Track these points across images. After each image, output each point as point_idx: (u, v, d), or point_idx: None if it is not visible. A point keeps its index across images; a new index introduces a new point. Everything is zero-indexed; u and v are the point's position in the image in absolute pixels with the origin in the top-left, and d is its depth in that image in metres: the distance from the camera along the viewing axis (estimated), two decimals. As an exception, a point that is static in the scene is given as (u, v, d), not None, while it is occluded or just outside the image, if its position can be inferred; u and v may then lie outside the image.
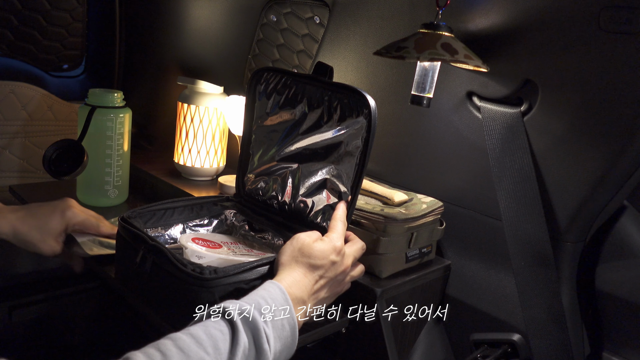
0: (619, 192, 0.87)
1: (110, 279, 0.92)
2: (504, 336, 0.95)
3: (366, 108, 0.81)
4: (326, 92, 0.87)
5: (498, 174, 0.91)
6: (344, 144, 0.85)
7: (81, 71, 1.73)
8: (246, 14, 1.37)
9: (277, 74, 0.94)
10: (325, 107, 0.88)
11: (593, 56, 0.80)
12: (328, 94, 0.87)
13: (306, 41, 1.25)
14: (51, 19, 1.58)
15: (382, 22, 1.08)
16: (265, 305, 0.64)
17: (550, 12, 0.84)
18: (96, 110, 1.17)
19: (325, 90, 0.87)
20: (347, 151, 0.85)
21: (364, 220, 0.89)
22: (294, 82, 0.92)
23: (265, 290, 0.67)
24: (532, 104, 0.89)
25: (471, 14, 0.93)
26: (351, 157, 0.84)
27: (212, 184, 1.37)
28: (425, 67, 0.90)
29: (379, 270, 0.89)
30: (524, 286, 0.90)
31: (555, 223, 0.90)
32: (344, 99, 0.85)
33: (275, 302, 0.65)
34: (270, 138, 0.96)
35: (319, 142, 0.89)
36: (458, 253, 1.03)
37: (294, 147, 0.92)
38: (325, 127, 0.88)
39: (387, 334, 0.87)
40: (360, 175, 0.82)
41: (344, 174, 0.85)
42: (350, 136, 0.84)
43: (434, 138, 1.04)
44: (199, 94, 1.33)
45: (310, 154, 0.90)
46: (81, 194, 1.24)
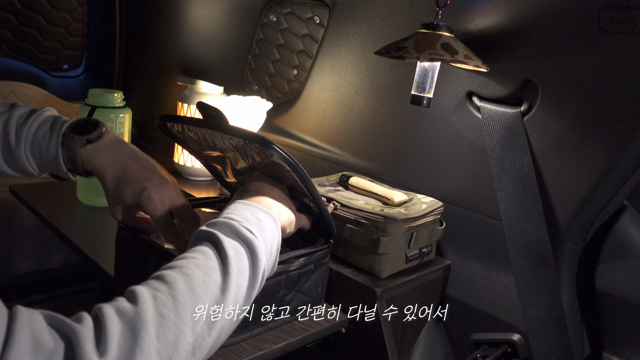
0: (619, 192, 0.87)
1: (110, 279, 0.92)
2: (504, 336, 0.95)
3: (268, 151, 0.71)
4: (226, 136, 0.77)
5: (498, 174, 0.91)
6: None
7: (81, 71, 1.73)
8: (246, 14, 1.37)
9: (173, 122, 0.83)
10: (237, 152, 0.80)
11: (593, 56, 0.80)
12: (232, 138, 0.76)
13: (306, 41, 1.25)
14: (51, 19, 1.58)
15: (382, 22, 1.08)
16: (230, 214, 0.65)
17: (550, 12, 0.84)
18: (96, 110, 1.17)
19: (225, 135, 0.77)
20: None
21: (364, 220, 0.89)
22: (194, 128, 0.81)
23: (224, 209, 0.68)
24: (532, 104, 0.89)
25: (471, 14, 0.93)
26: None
27: (212, 184, 1.37)
28: (425, 67, 0.90)
29: (379, 270, 0.89)
30: (524, 286, 0.90)
31: (555, 223, 0.90)
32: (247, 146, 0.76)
33: (236, 209, 0.66)
34: (219, 160, 0.89)
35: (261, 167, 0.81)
36: (458, 253, 1.03)
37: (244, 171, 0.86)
38: (252, 163, 0.80)
39: (387, 334, 0.87)
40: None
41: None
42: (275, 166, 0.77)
43: (434, 138, 1.04)
44: (199, 94, 1.33)
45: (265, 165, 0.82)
46: (81, 194, 1.23)
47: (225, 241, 0.60)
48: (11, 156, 0.76)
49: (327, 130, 1.23)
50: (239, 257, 0.60)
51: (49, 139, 0.75)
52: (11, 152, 0.76)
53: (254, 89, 1.40)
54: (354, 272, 0.91)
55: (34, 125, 0.76)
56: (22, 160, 0.76)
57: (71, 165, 0.76)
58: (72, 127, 0.76)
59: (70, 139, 0.75)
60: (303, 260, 0.80)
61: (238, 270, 0.59)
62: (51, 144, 0.75)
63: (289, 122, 1.32)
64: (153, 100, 1.74)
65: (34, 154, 0.76)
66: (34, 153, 0.76)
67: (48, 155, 0.76)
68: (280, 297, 0.79)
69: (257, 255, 0.61)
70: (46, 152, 0.76)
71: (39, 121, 0.76)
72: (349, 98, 1.18)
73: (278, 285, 0.78)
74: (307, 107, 1.28)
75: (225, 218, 0.64)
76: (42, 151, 0.76)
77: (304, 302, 0.84)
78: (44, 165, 0.78)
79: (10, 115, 0.76)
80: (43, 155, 0.76)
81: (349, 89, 1.17)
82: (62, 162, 0.76)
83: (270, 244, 0.65)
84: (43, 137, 0.76)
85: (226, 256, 0.58)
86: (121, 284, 0.88)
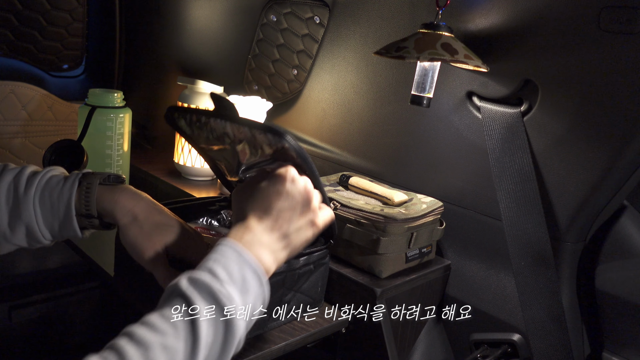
0: (619, 192, 0.87)
1: (110, 279, 0.92)
2: (504, 336, 0.95)
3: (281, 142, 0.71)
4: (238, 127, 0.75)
5: (498, 174, 0.91)
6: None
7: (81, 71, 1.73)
8: (246, 14, 1.37)
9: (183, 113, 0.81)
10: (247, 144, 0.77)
11: (593, 56, 0.80)
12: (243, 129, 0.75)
13: (306, 41, 1.25)
14: (51, 19, 1.58)
15: (382, 22, 1.08)
16: (216, 265, 0.60)
17: (550, 12, 0.84)
18: (96, 110, 1.17)
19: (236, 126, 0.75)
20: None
21: (364, 220, 0.89)
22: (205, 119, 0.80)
23: (214, 253, 0.63)
24: (532, 104, 0.89)
25: (471, 14, 0.93)
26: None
27: (212, 184, 1.37)
28: (425, 67, 0.90)
29: (379, 270, 0.89)
30: (524, 286, 0.90)
31: (555, 223, 0.90)
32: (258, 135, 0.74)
33: (225, 259, 0.61)
34: (224, 156, 0.87)
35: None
36: (458, 253, 1.03)
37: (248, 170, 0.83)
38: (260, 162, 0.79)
39: (387, 334, 0.87)
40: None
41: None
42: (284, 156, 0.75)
43: (434, 138, 1.04)
44: (199, 94, 1.33)
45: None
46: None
47: (201, 311, 0.56)
48: (16, 212, 0.70)
49: (327, 130, 1.23)
50: (212, 331, 0.56)
51: (64, 183, 0.71)
52: (17, 207, 0.70)
53: (254, 89, 1.40)
54: (354, 272, 0.91)
55: (49, 174, 0.72)
56: (28, 212, 0.70)
57: (85, 206, 0.70)
58: (90, 171, 0.73)
59: (90, 174, 0.72)
60: (303, 260, 0.80)
61: (208, 347, 0.55)
62: (65, 187, 0.70)
63: (289, 122, 1.32)
64: (153, 100, 1.74)
65: (43, 202, 0.70)
66: (43, 201, 0.70)
67: (60, 201, 0.70)
68: (280, 297, 0.79)
69: (233, 330, 0.57)
70: (58, 197, 0.70)
71: (53, 172, 0.73)
72: (349, 98, 1.18)
73: (278, 285, 0.78)
74: (307, 107, 1.28)
75: (209, 274, 0.59)
76: (54, 197, 0.70)
77: (303, 302, 0.84)
78: (51, 217, 0.71)
79: (22, 170, 0.72)
80: (54, 202, 0.70)
81: (349, 89, 1.17)
82: (74, 206, 0.70)
83: (252, 305, 0.61)
84: (57, 183, 0.71)
85: (198, 333, 0.55)
86: (121, 284, 0.88)
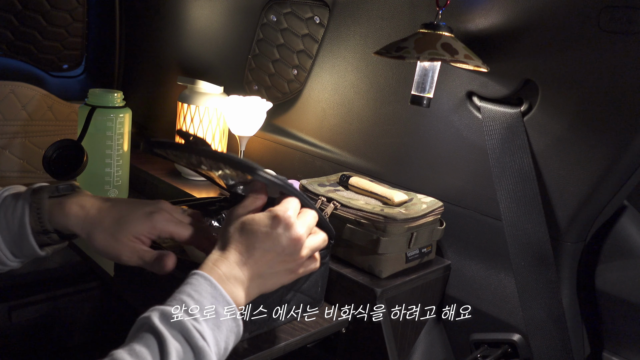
0: (619, 192, 0.87)
1: (110, 279, 0.92)
2: (504, 336, 0.95)
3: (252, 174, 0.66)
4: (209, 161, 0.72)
5: (498, 174, 0.91)
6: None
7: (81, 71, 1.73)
8: (246, 14, 1.37)
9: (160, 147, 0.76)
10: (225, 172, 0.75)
11: (593, 56, 0.80)
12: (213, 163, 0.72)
13: (306, 41, 1.25)
14: (51, 19, 1.58)
15: (382, 22, 1.08)
16: (189, 299, 0.59)
17: (550, 12, 0.84)
18: (96, 110, 1.17)
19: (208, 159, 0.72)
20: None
21: (364, 220, 0.89)
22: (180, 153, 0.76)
23: (188, 285, 0.62)
24: (532, 104, 0.89)
25: (471, 14, 0.93)
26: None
27: (212, 184, 1.37)
28: (425, 67, 0.90)
29: (379, 270, 0.89)
30: (524, 286, 0.90)
31: (555, 223, 0.90)
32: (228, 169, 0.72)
33: (199, 292, 0.60)
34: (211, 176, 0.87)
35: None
36: (458, 253, 1.03)
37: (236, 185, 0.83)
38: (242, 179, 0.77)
39: (387, 334, 0.87)
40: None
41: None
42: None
43: (434, 138, 1.04)
44: (199, 94, 1.33)
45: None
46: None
47: (172, 349, 0.55)
48: None
49: (327, 130, 1.23)
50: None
51: (16, 202, 0.69)
52: None
53: (254, 88, 1.40)
54: (354, 272, 0.91)
55: (4, 194, 0.70)
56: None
57: (39, 223, 0.68)
58: (41, 186, 0.71)
59: (40, 189, 0.69)
60: (303, 260, 0.80)
61: None
62: (17, 206, 0.68)
63: (289, 122, 1.32)
64: (153, 100, 1.74)
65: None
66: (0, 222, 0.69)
67: (14, 220, 0.68)
68: (280, 296, 0.79)
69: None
70: (12, 217, 0.68)
71: (10, 192, 0.71)
72: (349, 98, 1.18)
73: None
74: (307, 107, 1.28)
75: (181, 310, 0.58)
76: (9, 217, 0.68)
77: (304, 302, 0.84)
78: (9, 237, 0.69)
79: None
80: (9, 222, 0.68)
81: (349, 89, 1.17)
82: (28, 225, 0.68)
83: (225, 341, 0.60)
84: (10, 202, 0.69)
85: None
86: (121, 284, 0.88)
